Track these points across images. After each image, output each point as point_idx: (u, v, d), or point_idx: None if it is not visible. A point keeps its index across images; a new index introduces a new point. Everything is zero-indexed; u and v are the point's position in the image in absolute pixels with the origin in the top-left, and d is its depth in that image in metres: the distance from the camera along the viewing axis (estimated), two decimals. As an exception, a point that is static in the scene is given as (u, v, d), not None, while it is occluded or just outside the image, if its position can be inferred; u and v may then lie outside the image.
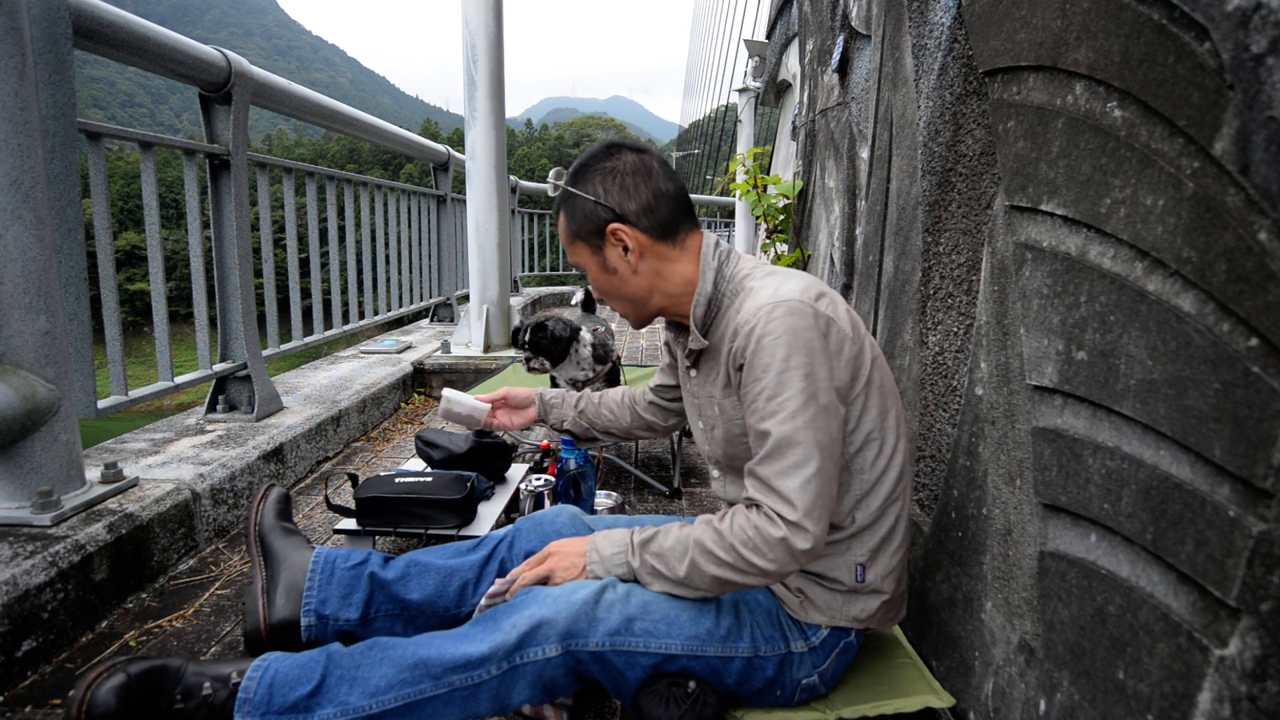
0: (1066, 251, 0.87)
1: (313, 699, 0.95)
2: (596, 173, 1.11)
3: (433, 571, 1.23)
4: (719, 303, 1.09)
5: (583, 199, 1.10)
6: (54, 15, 1.47)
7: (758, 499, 0.97)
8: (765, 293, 1.00)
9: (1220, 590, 0.63)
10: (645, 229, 1.10)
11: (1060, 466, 0.88)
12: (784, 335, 0.95)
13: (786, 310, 0.96)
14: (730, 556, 0.97)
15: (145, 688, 0.96)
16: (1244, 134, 0.61)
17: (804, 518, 0.93)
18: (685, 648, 1.02)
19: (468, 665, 0.97)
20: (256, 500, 1.34)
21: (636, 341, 5.15)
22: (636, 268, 1.11)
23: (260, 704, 0.95)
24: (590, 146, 1.18)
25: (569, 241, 1.15)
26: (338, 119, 3.06)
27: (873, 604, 1.07)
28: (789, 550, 0.94)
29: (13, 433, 1.34)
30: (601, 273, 1.14)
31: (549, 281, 7.75)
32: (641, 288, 1.13)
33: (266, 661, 1.00)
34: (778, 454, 0.95)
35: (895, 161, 1.49)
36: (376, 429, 2.81)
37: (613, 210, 1.09)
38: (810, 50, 2.61)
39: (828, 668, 1.08)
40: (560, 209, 1.15)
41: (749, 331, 0.98)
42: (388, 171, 51.18)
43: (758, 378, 0.97)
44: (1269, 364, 0.59)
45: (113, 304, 1.81)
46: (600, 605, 1.02)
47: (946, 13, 1.22)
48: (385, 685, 0.96)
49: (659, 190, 1.10)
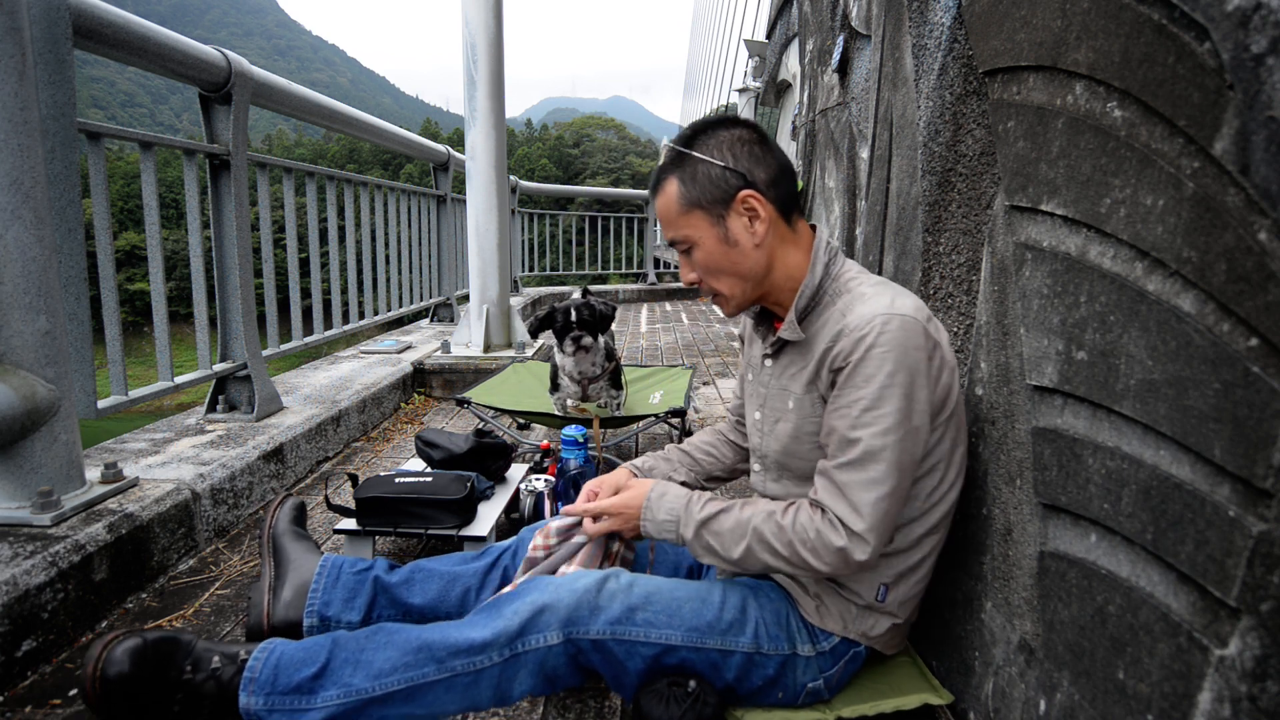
0: (1066, 251, 0.87)
1: (316, 680, 0.97)
2: (722, 139, 1.04)
3: (437, 577, 1.24)
4: (820, 299, 1.06)
5: (709, 164, 1.03)
6: (54, 15, 1.47)
7: (826, 503, 0.97)
8: (880, 302, 0.97)
9: (1220, 590, 0.63)
10: (773, 200, 1.04)
11: (1060, 466, 0.88)
12: (894, 350, 0.94)
13: (900, 325, 0.95)
14: (787, 552, 0.98)
15: (158, 655, 0.99)
16: (1244, 134, 0.61)
17: (868, 531, 0.94)
18: (685, 639, 1.03)
19: (470, 650, 0.98)
20: (274, 504, 1.37)
21: (636, 342, 5.15)
22: (762, 240, 1.04)
23: (265, 683, 0.97)
24: (702, 117, 1.10)
25: (682, 211, 1.05)
26: (338, 119, 3.06)
27: (883, 624, 1.08)
28: (845, 559, 0.95)
29: (13, 433, 1.34)
30: (719, 245, 1.05)
31: (549, 281, 7.75)
32: (760, 264, 1.06)
33: (273, 644, 1.02)
34: (860, 465, 0.95)
35: (895, 161, 1.49)
36: (376, 429, 2.81)
37: (744, 176, 1.03)
38: (810, 50, 2.61)
39: (834, 674, 1.08)
40: (672, 175, 1.06)
41: (859, 338, 0.96)
42: (388, 171, 51.16)
43: (858, 385, 0.95)
44: (1269, 364, 0.59)
45: (113, 304, 1.81)
46: (603, 594, 1.03)
47: (946, 13, 1.22)
48: (389, 668, 0.97)
49: (784, 164, 1.06)
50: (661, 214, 1.08)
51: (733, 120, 1.07)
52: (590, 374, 2.29)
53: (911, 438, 0.96)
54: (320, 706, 0.95)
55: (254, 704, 0.96)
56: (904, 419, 0.94)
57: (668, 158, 1.08)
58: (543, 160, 65.91)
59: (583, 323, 2.17)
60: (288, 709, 0.96)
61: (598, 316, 2.21)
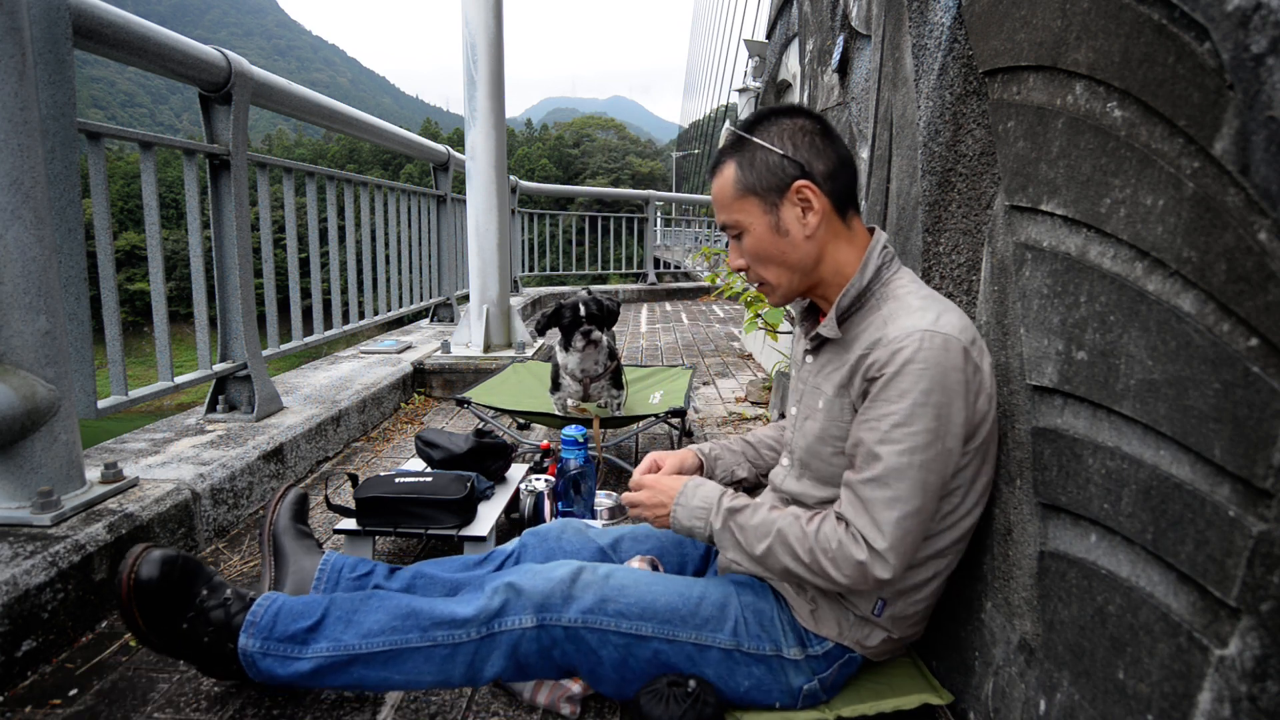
0: (1066, 251, 0.87)
1: (310, 633, 1.04)
2: (784, 127, 1.03)
3: (438, 583, 1.24)
4: (864, 301, 1.04)
5: (767, 150, 1.02)
6: (54, 15, 1.47)
7: (849, 517, 0.97)
8: (925, 317, 0.96)
9: (1220, 590, 0.63)
10: (828, 193, 1.03)
11: (1060, 466, 0.88)
12: (932, 368, 0.92)
13: (944, 344, 0.93)
14: (808, 558, 0.98)
15: (184, 570, 1.07)
16: (1244, 134, 0.61)
17: (889, 550, 0.93)
18: (657, 630, 1.05)
19: (453, 623, 1.03)
20: (275, 499, 1.37)
21: (636, 342, 5.16)
22: (813, 232, 1.03)
23: (265, 628, 1.05)
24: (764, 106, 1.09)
25: (737, 195, 1.05)
26: (338, 119, 3.06)
27: (877, 636, 1.08)
28: (864, 574, 0.95)
29: (13, 433, 1.34)
30: (769, 233, 1.04)
31: (549, 281, 7.75)
32: (810, 256, 1.05)
33: (276, 595, 1.10)
34: (884, 482, 0.94)
35: (895, 161, 1.49)
36: (376, 429, 2.81)
37: (801, 166, 1.02)
38: (810, 50, 2.61)
39: (829, 677, 1.09)
40: (731, 159, 1.06)
41: (897, 350, 0.94)
42: (388, 171, 51.18)
43: (891, 400, 0.94)
44: (1269, 364, 0.59)
45: (113, 304, 1.81)
46: (577, 584, 1.06)
47: (946, 13, 1.22)
48: (377, 629, 1.04)
49: (843, 156, 1.05)
50: (716, 197, 1.08)
51: (797, 109, 1.06)
52: (593, 372, 2.30)
53: (941, 460, 0.94)
54: (310, 656, 1.03)
55: (251, 645, 1.03)
56: (934, 440, 0.93)
57: (728, 141, 1.08)
58: (543, 160, 65.91)
59: (591, 317, 2.19)
60: (280, 655, 1.03)
61: (605, 312, 2.23)
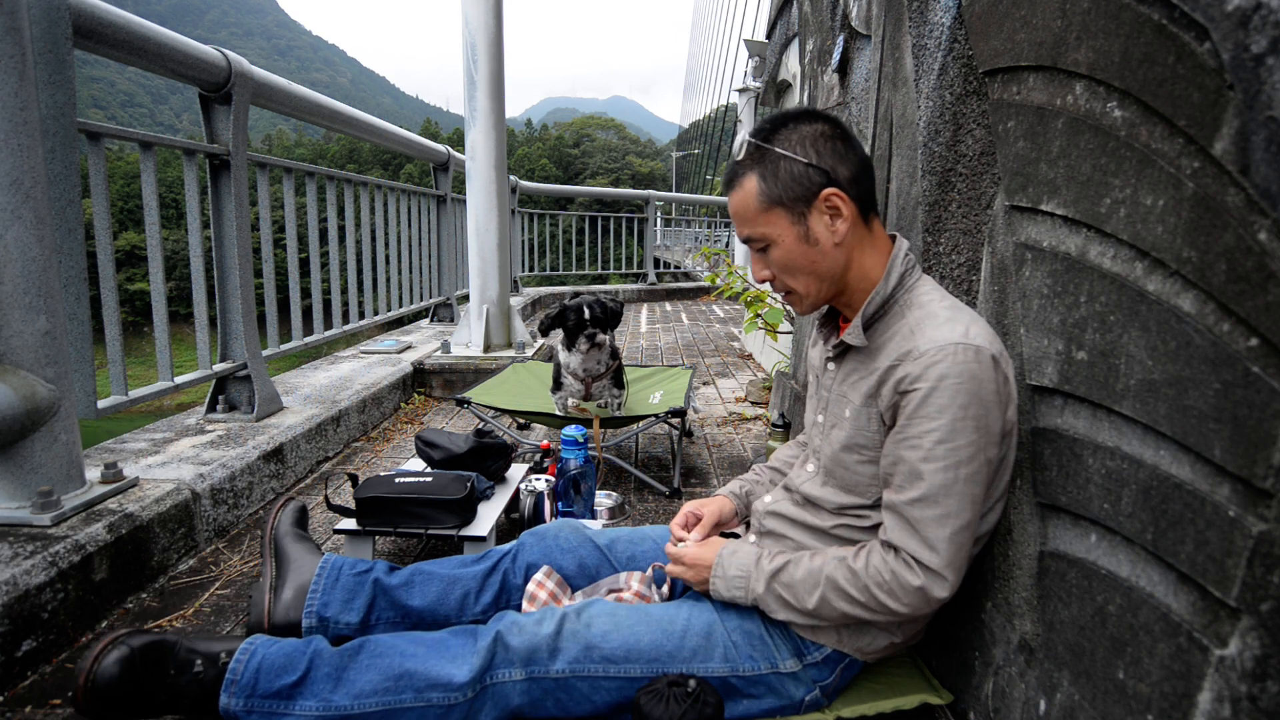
0: (1066, 251, 0.87)
1: (296, 689, 1.00)
2: (804, 134, 1.00)
3: (436, 579, 1.24)
4: (889, 308, 1.03)
5: (791, 160, 0.98)
6: (54, 15, 1.47)
7: (898, 542, 0.95)
8: (955, 329, 0.94)
9: (1220, 590, 0.63)
10: (854, 198, 1.00)
11: (1060, 466, 0.88)
12: (968, 382, 0.91)
13: (976, 356, 0.92)
14: (864, 597, 0.97)
15: (146, 660, 1.01)
16: (1244, 134, 0.61)
17: (946, 567, 0.93)
18: (646, 671, 1.04)
19: (448, 687, 1.01)
20: (277, 506, 1.38)
21: (636, 342, 5.16)
22: (842, 240, 1.01)
23: (246, 686, 1.00)
24: (779, 111, 1.04)
25: (762, 209, 1.01)
26: (338, 119, 3.06)
27: (880, 641, 1.07)
28: (925, 598, 0.94)
29: (13, 433, 1.34)
30: (799, 244, 1.01)
31: (549, 281, 7.75)
32: (839, 263, 1.03)
33: (253, 645, 1.05)
34: (932, 500, 0.93)
35: (895, 161, 1.49)
36: (376, 429, 2.81)
37: (827, 174, 0.98)
38: (810, 50, 2.61)
39: (831, 683, 1.08)
40: (752, 172, 1.01)
41: (932, 365, 0.92)
42: (388, 171, 51.18)
43: (931, 416, 0.92)
44: (1269, 364, 0.59)
45: (113, 304, 1.81)
46: (562, 636, 1.05)
47: (946, 13, 1.22)
48: (369, 689, 1.01)
49: (864, 159, 1.02)
50: (737, 211, 1.04)
51: (813, 114, 1.02)
52: (595, 372, 2.31)
53: (984, 470, 0.94)
54: (298, 715, 0.99)
55: (234, 705, 1.00)
56: (977, 452, 0.92)
57: (747, 152, 1.02)
58: (543, 160, 65.91)
59: (596, 320, 2.20)
60: (265, 712, 1.00)
61: (609, 314, 2.23)
